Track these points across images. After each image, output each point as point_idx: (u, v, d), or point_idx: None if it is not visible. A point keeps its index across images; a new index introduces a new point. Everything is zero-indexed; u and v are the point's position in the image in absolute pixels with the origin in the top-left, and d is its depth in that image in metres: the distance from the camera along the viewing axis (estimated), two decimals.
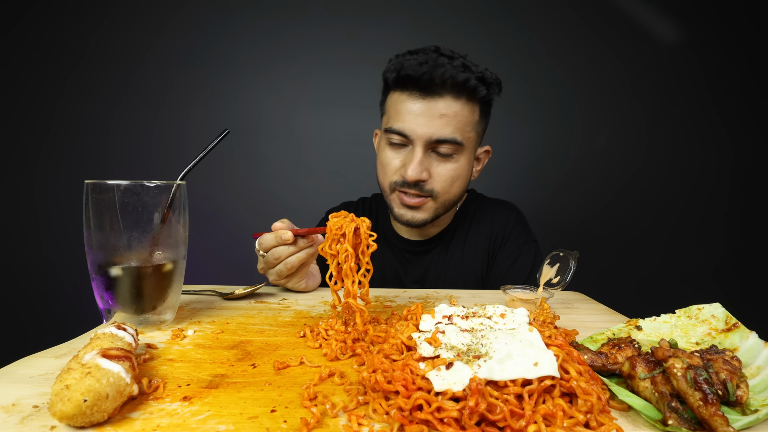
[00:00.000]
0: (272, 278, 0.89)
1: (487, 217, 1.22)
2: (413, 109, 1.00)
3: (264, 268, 0.89)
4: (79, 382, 0.39)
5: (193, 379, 0.50)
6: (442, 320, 0.57)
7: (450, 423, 0.39)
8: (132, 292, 0.64)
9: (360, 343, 0.60)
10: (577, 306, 0.87)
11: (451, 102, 0.99)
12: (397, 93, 1.03)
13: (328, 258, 0.70)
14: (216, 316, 0.75)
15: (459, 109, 1.00)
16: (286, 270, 0.85)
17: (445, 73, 0.96)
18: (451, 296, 0.93)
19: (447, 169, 1.04)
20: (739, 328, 0.57)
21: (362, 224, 0.69)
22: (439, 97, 0.98)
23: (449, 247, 1.20)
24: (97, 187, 0.62)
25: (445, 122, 0.99)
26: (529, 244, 1.18)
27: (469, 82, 0.98)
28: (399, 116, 1.02)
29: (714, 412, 0.39)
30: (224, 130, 0.81)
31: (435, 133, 0.99)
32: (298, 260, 0.85)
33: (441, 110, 0.98)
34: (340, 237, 0.69)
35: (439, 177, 1.04)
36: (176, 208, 0.67)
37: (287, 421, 0.41)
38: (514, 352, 0.44)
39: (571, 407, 0.41)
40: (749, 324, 0.57)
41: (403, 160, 1.04)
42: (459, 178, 1.07)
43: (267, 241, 0.84)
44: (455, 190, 1.08)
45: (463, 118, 1.01)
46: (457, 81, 0.97)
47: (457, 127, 1.00)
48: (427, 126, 0.99)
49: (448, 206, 1.10)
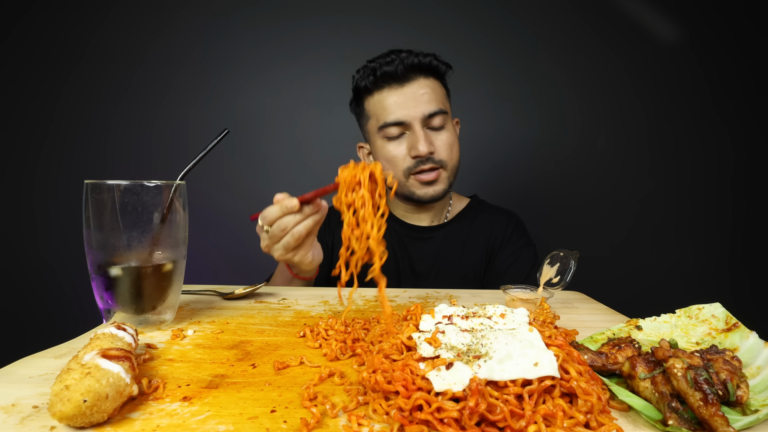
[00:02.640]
0: (278, 254, 0.85)
1: (486, 220, 1.29)
2: (398, 99, 1.14)
3: (269, 244, 0.85)
4: (78, 383, 0.39)
5: (193, 379, 0.50)
6: (442, 320, 0.57)
7: (450, 423, 0.39)
8: (132, 292, 0.64)
9: (360, 343, 0.60)
10: (577, 306, 0.87)
11: (424, 81, 1.16)
12: (376, 93, 1.18)
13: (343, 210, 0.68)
14: (216, 316, 0.75)
15: (433, 85, 1.17)
16: (293, 241, 0.82)
17: (412, 61, 1.14)
18: (451, 296, 0.93)
19: (444, 138, 1.18)
20: (739, 328, 0.57)
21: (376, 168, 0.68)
22: (414, 81, 1.15)
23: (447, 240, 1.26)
24: (96, 187, 0.62)
25: (429, 98, 1.15)
26: (529, 248, 1.23)
27: (432, 63, 1.17)
28: (388, 109, 1.15)
29: (714, 412, 0.39)
30: (224, 130, 0.81)
31: (425, 109, 1.14)
32: (305, 228, 0.82)
33: (421, 90, 1.14)
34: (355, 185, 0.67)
35: (442, 145, 1.17)
36: (176, 207, 0.67)
37: (287, 421, 0.41)
38: (514, 352, 0.44)
39: (571, 407, 0.41)
40: (749, 324, 0.57)
41: (407, 146, 1.17)
42: (454, 143, 1.21)
43: (272, 213, 0.81)
44: (455, 155, 1.22)
45: (437, 91, 1.18)
46: (423, 63, 1.16)
47: (438, 100, 1.17)
48: (417, 106, 1.14)
49: (454, 173, 1.23)
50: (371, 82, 1.17)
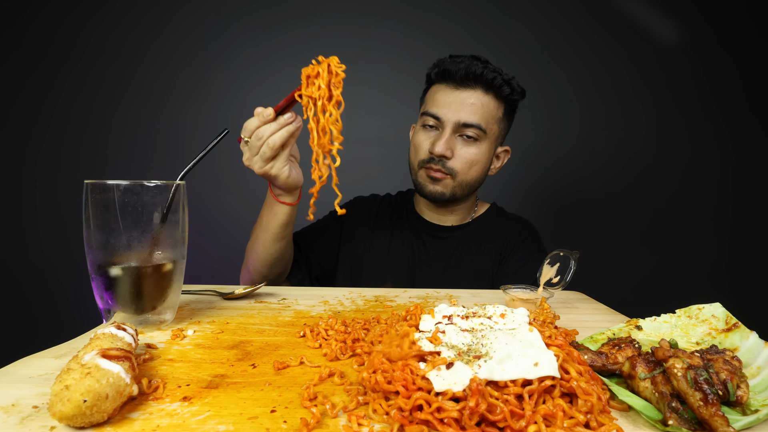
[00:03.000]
0: (257, 166, 0.91)
1: (503, 227, 1.32)
2: (448, 97, 1.18)
3: (249, 157, 0.91)
4: (78, 383, 0.39)
5: (193, 379, 0.50)
6: (442, 320, 0.57)
7: (450, 423, 0.39)
8: (132, 292, 0.64)
9: (360, 343, 0.60)
10: (577, 306, 0.87)
11: (480, 95, 1.17)
12: (436, 85, 1.22)
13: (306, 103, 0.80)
14: (216, 316, 0.75)
15: (486, 102, 1.17)
16: (270, 151, 0.88)
17: (476, 70, 1.16)
18: (451, 296, 0.93)
19: (468, 152, 1.19)
20: (739, 328, 0.57)
21: (332, 60, 0.82)
22: (470, 90, 1.17)
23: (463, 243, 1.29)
24: (96, 187, 0.62)
25: (473, 110, 1.16)
26: (540, 254, 1.24)
27: (496, 80, 1.17)
28: (435, 102, 1.20)
29: (714, 412, 0.39)
30: (224, 130, 0.81)
31: (463, 118, 1.16)
32: (280, 138, 0.88)
33: (471, 100, 1.16)
34: (313, 78, 0.79)
35: (461, 157, 1.19)
36: (176, 207, 0.67)
37: (287, 421, 0.41)
38: (514, 352, 0.44)
39: (571, 407, 0.41)
40: (749, 324, 0.57)
41: (432, 140, 1.19)
42: (477, 163, 1.21)
43: (251, 124, 0.88)
44: (473, 173, 1.22)
45: (488, 110, 1.18)
46: (486, 78, 1.16)
47: (483, 117, 1.17)
48: (458, 111, 1.16)
49: (464, 188, 1.23)
50: (435, 73, 1.22)
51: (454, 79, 1.19)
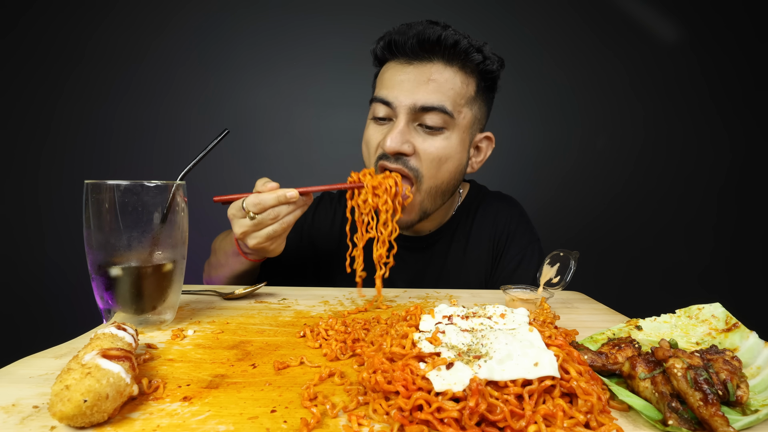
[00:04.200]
0: (255, 241, 0.81)
1: (490, 215, 1.15)
2: (400, 77, 0.92)
3: (248, 231, 0.81)
4: (79, 383, 0.39)
5: (193, 379, 0.50)
6: (442, 320, 0.57)
7: (450, 423, 0.39)
8: (132, 292, 0.64)
9: (360, 343, 0.60)
10: (577, 306, 0.87)
11: (442, 68, 0.91)
12: (386, 64, 0.97)
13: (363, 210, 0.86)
14: (216, 316, 0.75)
15: (449, 77, 0.91)
16: (281, 230, 0.81)
17: (433, 35, 0.89)
18: (451, 296, 0.93)
19: (435, 146, 0.92)
20: (739, 328, 0.57)
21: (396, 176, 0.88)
22: (428, 62, 0.91)
23: (450, 247, 1.12)
24: (96, 187, 0.62)
25: (434, 88, 0.90)
26: (533, 245, 1.13)
27: (460, 44, 0.89)
28: (383, 84, 0.95)
29: (714, 412, 0.39)
30: (224, 130, 0.81)
31: (420, 99, 0.89)
32: (294, 218, 0.82)
33: (429, 75, 0.90)
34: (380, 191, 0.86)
35: (425, 154, 0.92)
36: (176, 208, 0.67)
37: (287, 421, 0.41)
38: (514, 352, 0.44)
39: (571, 407, 0.41)
40: (749, 324, 0.57)
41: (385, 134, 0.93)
42: (449, 159, 0.94)
43: (267, 201, 0.78)
44: (444, 174, 0.95)
45: (454, 86, 0.91)
46: (447, 43, 0.89)
47: (447, 96, 0.90)
48: (412, 92, 0.90)
49: (436, 197, 0.97)
50: (380, 48, 0.97)
51: (404, 52, 0.92)
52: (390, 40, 0.93)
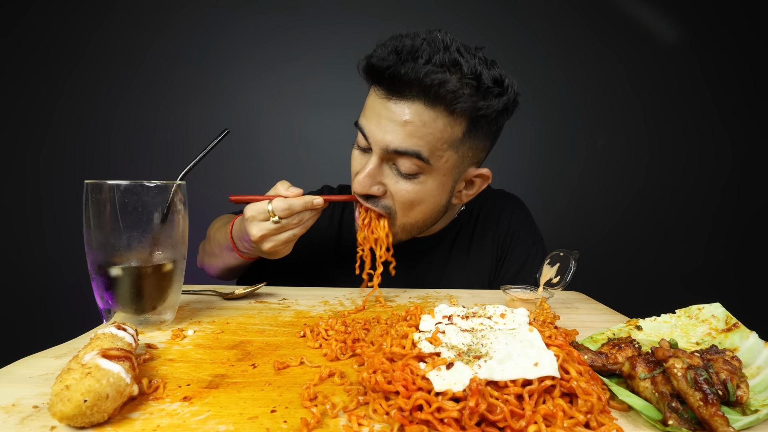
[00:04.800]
0: (272, 244, 0.82)
1: (493, 215, 1.13)
2: (378, 108, 0.81)
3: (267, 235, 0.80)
4: (79, 383, 0.39)
5: (193, 379, 0.50)
6: (442, 320, 0.57)
7: (450, 423, 0.39)
8: (132, 292, 0.64)
9: (360, 343, 0.60)
10: (577, 306, 0.87)
11: (422, 109, 0.77)
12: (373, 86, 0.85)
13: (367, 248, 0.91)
14: (216, 316, 0.75)
15: (429, 120, 0.78)
16: (300, 234, 0.84)
17: (410, 72, 0.75)
18: (451, 296, 0.93)
19: (407, 190, 0.85)
20: (739, 328, 0.57)
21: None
22: (408, 101, 0.78)
23: (452, 249, 1.11)
24: (96, 187, 0.62)
25: (409, 131, 0.78)
26: (536, 246, 1.13)
27: (445, 86, 0.75)
28: (366, 112, 0.85)
29: (714, 412, 0.39)
30: (224, 130, 0.81)
31: (392, 142, 0.80)
32: (312, 223, 0.85)
33: (406, 116, 0.78)
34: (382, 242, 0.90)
35: (397, 195, 0.86)
36: (176, 207, 0.67)
37: (287, 421, 0.41)
38: (514, 352, 0.44)
39: (571, 407, 0.41)
40: (749, 324, 0.57)
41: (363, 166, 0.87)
42: (423, 203, 0.87)
43: (296, 206, 0.80)
44: (417, 215, 0.90)
45: (434, 131, 0.79)
46: (425, 83, 0.74)
47: (424, 141, 0.79)
48: (387, 131, 0.80)
49: (412, 231, 0.94)
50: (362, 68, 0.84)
51: (382, 83, 0.80)
52: (369, 65, 0.81)
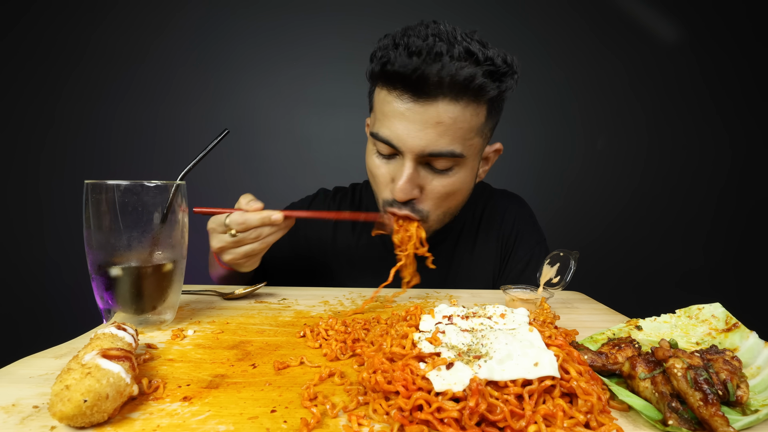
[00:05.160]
0: (230, 257, 0.83)
1: (496, 215, 1.14)
2: (403, 113, 0.80)
3: (225, 247, 0.82)
4: (79, 383, 0.39)
5: (193, 379, 0.50)
6: (442, 320, 0.57)
7: (450, 423, 0.39)
8: (132, 292, 0.64)
9: (360, 343, 0.60)
10: (577, 306, 0.87)
11: (449, 106, 0.79)
12: (385, 90, 0.83)
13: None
14: (216, 316, 0.75)
15: (459, 114, 0.80)
16: (259, 250, 0.82)
17: (442, 71, 0.75)
18: (451, 296, 0.93)
19: (443, 184, 0.87)
20: (739, 328, 0.57)
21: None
22: (433, 100, 0.78)
23: (456, 248, 1.11)
24: (96, 187, 0.62)
25: (441, 131, 0.80)
26: (540, 245, 1.13)
27: (475, 80, 0.77)
28: (386, 120, 0.83)
29: (714, 412, 0.39)
30: (224, 130, 0.81)
31: (428, 146, 0.81)
32: (274, 239, 0.83)
33: (436, 117, 0.79)
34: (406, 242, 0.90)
35: (433, 193, 0.88)
36: (176, 208, 0.67)
37: (287, 421, 0.41)
38: (514, 352, 0.44)
39: (571, 407, 0.41)
40: (749, 324, 0.57)
41: (392, 173, 0.88)
42: (457, 192, 0.91)
43: (251, 222, 0.79)
44: (450, 204, 0.93)
45: (464, 124, 0.81)
46: (457, 80, 0.76)
47: (456, 136, 0.81)
48: (419, 136, 0.80)
49: (443, 221, 0.97)
50: (378, 73, 0.82)
51: (406, 87, 0.79)
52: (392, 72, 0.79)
